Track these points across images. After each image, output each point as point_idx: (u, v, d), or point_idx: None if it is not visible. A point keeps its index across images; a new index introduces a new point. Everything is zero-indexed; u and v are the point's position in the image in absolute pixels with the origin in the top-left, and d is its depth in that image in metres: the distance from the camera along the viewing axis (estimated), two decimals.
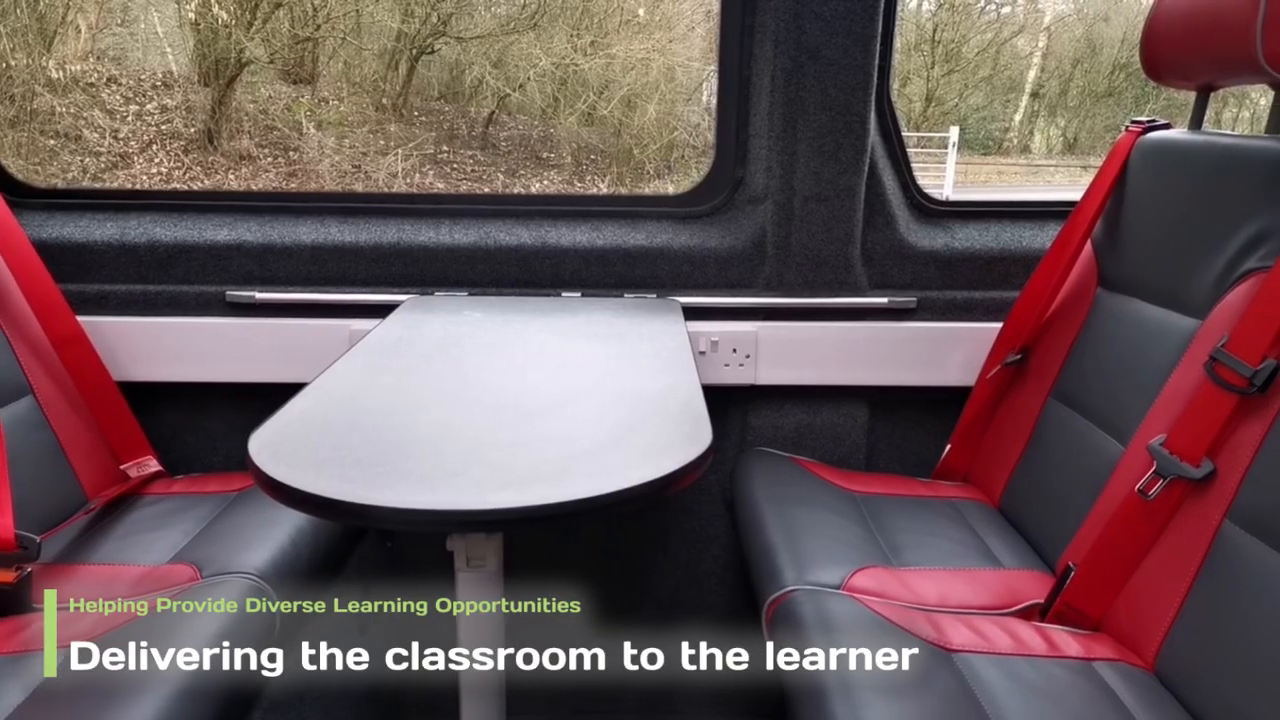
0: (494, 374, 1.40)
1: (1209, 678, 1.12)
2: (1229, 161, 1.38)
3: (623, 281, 1.94)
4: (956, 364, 1.91)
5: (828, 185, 1.83)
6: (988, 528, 1.64)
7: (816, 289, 1.90)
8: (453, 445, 1.08)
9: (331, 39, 10.32)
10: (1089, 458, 1.48)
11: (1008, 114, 13.60)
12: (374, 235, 1.92)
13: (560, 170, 10.30)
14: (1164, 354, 1.38)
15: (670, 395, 1.27)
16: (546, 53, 10.12)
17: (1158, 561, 1.24)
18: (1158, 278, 1.50)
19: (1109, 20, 13.07)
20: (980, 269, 1.92)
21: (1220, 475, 1.18)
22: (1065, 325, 1.68)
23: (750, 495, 1.72)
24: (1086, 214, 1.65)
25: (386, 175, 9.90)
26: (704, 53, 10.11)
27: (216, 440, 1.98)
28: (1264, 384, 1.15)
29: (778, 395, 1.95)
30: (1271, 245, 1.26)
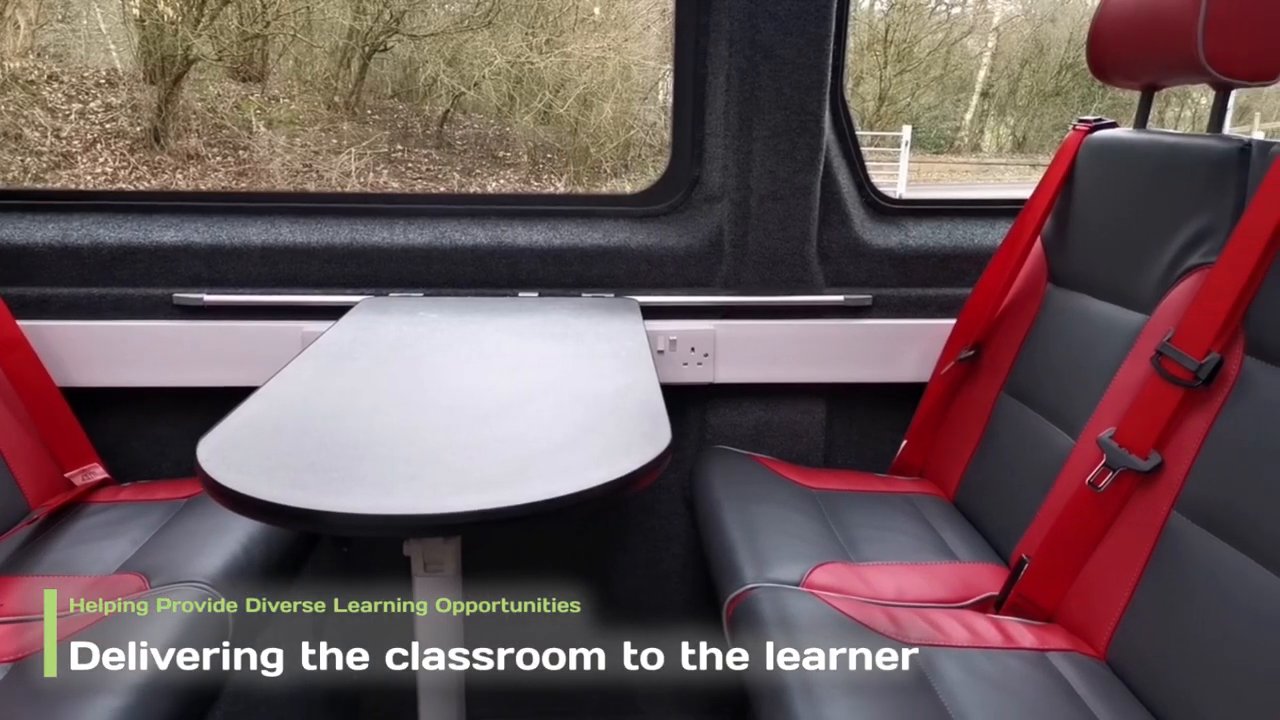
0: (450, 375, 1.38)
1: (1159, 666, 1.14)
2: (1172, 160, 1.42)
3: (580, 281, 1.93)
4: (912, 360, 1.93)
5: (783, 184, 1.84)
6: (943, 522, 1.66)
7: (773, 287, 1.91)
8: (408, 448, 1.07)
9: (281, 36, 10.15)
10: (1041, 451, 1.50)
11: (959, 113, 13.81)
12: (327, 235, 1.89)
13: (517, 169, 10.25)
14: (1112, 349, 1.41)
15: (628, 395, 1.27)
16: (501, 51, 10.06)
17: (1108, 552, 1.27)
18: (1105, 274, 1.53)
19: (1056, 21, 13.33)
20: (934, 266, 1.95)
21: (1168, 467, 1.21)
22: (1016, 321, 1.71)
23: (710, 493, 1.73)
24: (1036, 212, 1.68)
25: (340, 174, 9.76)
26: (660, 52, 10.12)
27: (165, 446, 1.93)
28: (1208, 377, 1.17)
29: (736, 393, 1.96)
30: (1214, 242, 1.29)
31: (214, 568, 1.36)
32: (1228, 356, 1.17)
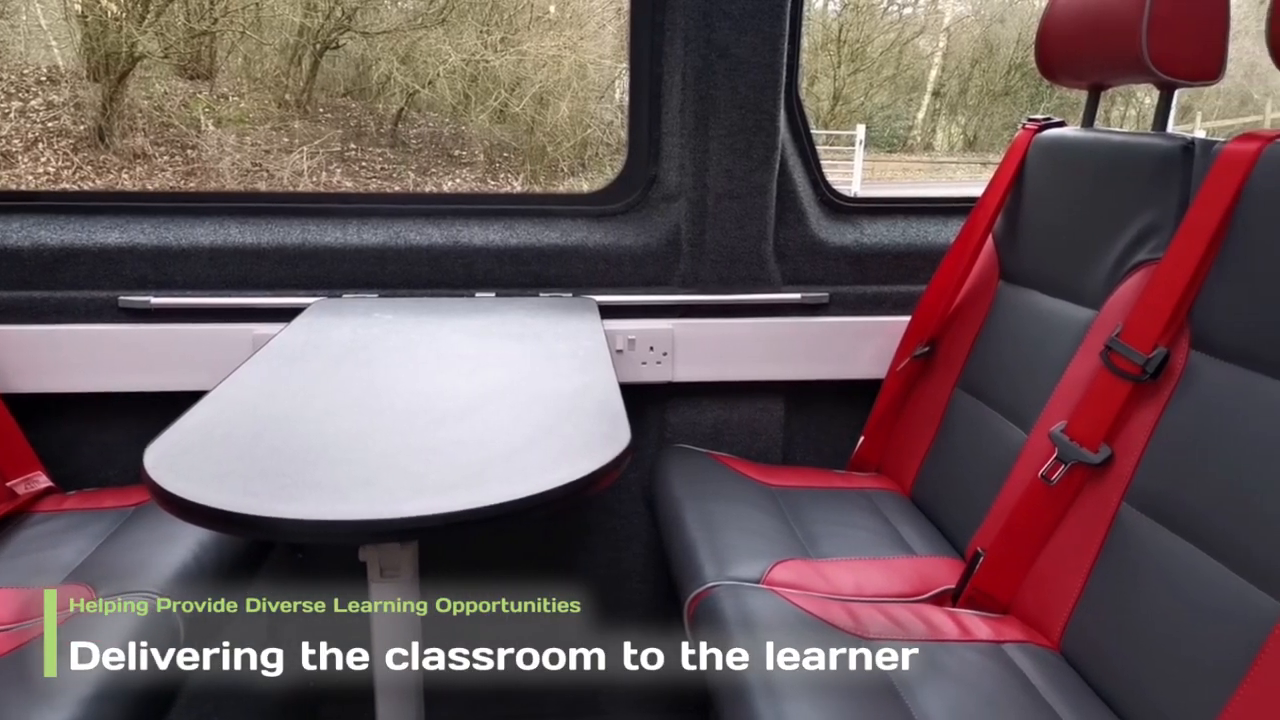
0: (406, 377, 1.36)
1: (1111, 655, 1.17)
2: (1119, 158, 1.45)
3: (538, 281, 1.92)
4: (868, 357, 1.95)
5: (740, 182, 1.85)
6: (900, 517, 1.67)
7: (731, 286, 1.92)
8: (363, 453, 1.05)
9: (230, 33, 9.96)
10: (994, 446, 1.53)
11: (911, 112, 14.00)
12: (278, 236, 1.86)
13: (473, 168, 10.17)
14: (1062, 344, 1.44)
15: (587, 395, 1.26)
16: (456, 49, 9.97)
17: (1061, 545, 1.29)
18: (1055, 270, 1.55)
19: (1004, 22, 13.57)
20: (889, 264, 1.97)
21: (1117, 460, 1.23)
22: (969, 318, 1.73)
23: (670, 492, 1.73)
24: (987, 209, 1.71)
25: (291, 174, 9.60)
26: (615, 50, 10.11)
27: (112, 453, 1.88)
28: (1155, 371, 1.20)
29: (695, 392, 1.96)
30: (1160, 238, 1.32)
31: (163, 577, 1.33)
32: (1174, 351, 1.20)
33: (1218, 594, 1.03)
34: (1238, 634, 0.98)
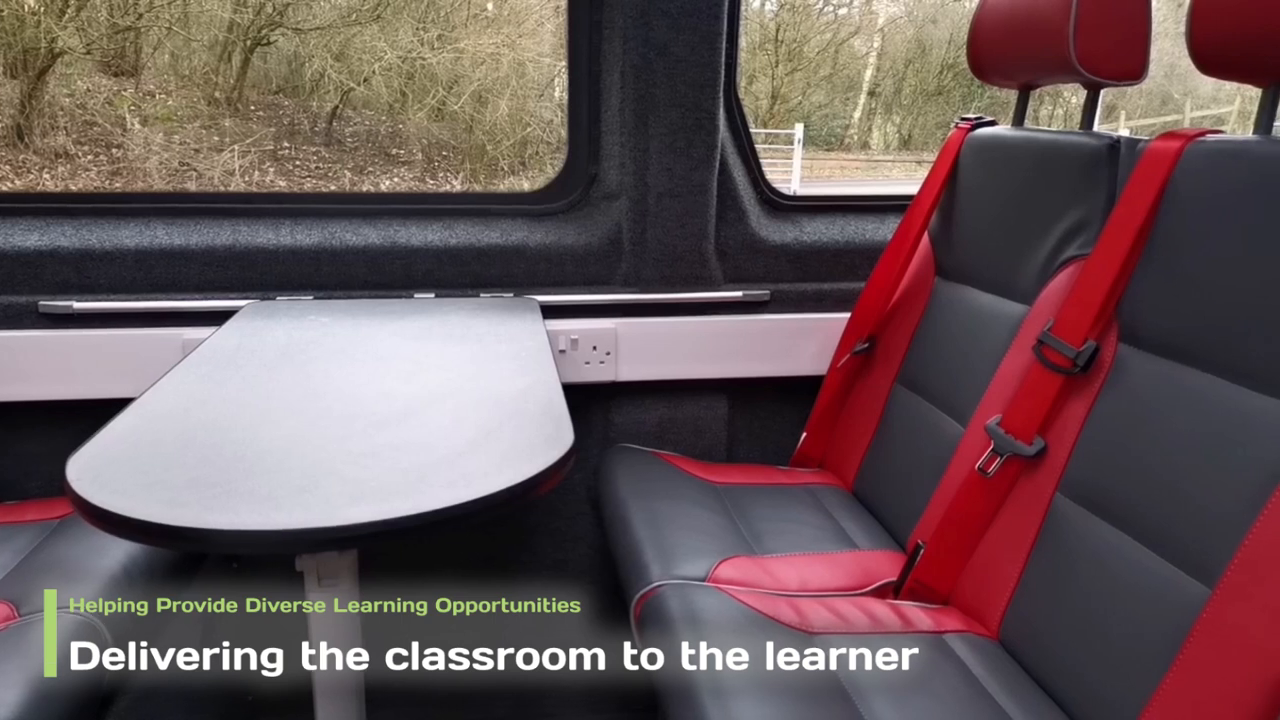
0: (343, 381, 1.33)
1: (1047, 642, 1.19)
2: (1048, 156, 1.48)
3: (478, 281, 1.89)
4: (809, 354, 1.97)
5: (680, 181, 1.85)
6: (843, 511, 1.69)
7: (673, 284, 1.92)
8: (300, 459, 1.02)
9: (156, 29, 9.66)
10: (933, 440, 1.55)
11: (848, 111, 14.22)
12: (207, 237, 1.80)
13: (411, 167, 10.03)
14: (997, 339, 1.47)
15: (530, 396, 1.25)
16: (392, 46, 9.82)
17: (998, 535, 1.31)
18: (989, 266, 1.59)
19: (937, 23, 13.87)
20: (828, 261, 1.99)
21: (1051, 451, 1.26)
22: (907, 314, 1.76)
23: (615, 492, 1.72)
24: (923, 207, 1.74)
25: (222, 173, 9.36)
26: (554, 48, 10.07)
27: (34, 464, 1.81)
28: (1086, 364, 1.23)
29: (639, 391, 1.95)
30: (1088, 234, 1.35)
31: (91, 592, 1.28)
32: (1103, 344, 1.23)
33: (1148, 580, 1.06)
34: (1168, 618, 1.01)
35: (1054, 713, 1.14)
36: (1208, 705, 0.93)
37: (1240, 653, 0.91)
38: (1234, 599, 0.94)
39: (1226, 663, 0.92)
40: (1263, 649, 0.89)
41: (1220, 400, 1.05)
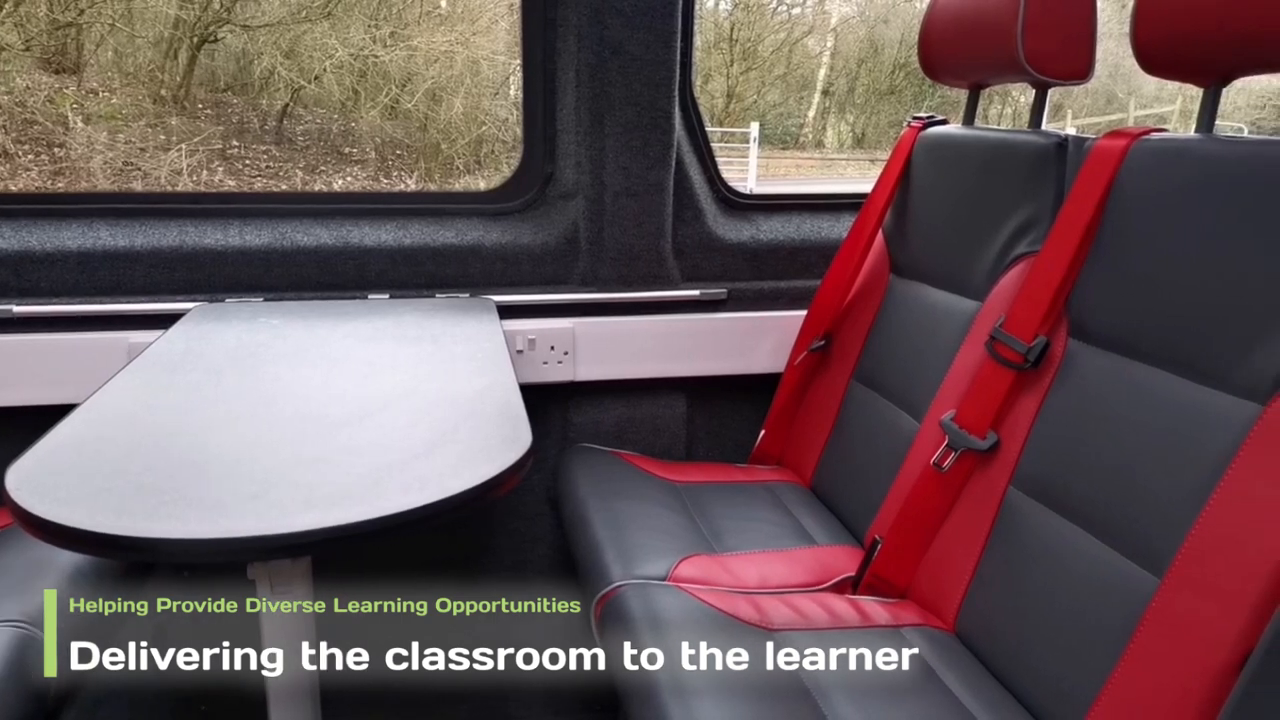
0: (296, 384, 1.31)
1: (1002, 634, 1.21)
2: (998, 154, 1.50)
3: (433, 281, 1.87)
4: (767, 352, 1.98)
5: (637, 180, 1.85)
6: (801, 508, 1.70)
7: (631, 283, 1.92)
8: (250, 465, 1.00)
9: (98, 25, 9.42)
10: (889, 435, 1.57)
11: (802, 110, 14.34)
12: (153, 238, 1.76)
13: (364, 166, 9.90)
14: (950, 335, 1.49)
15: (487, 397, 1.24)
16: (343, 43, 9.68)
17: (953, 529, 1.33)
18: (942, 264, 1.61)
19: (888, 23, 14.04)
20: (785, 259, 2.00)
21: (1004, 445, 1.28)
22: (863, 311, 1.77)
23: (574, 493, 1.71)
24: (877, 205, 1.75)
25: (170, 173, 9.15)
26: (509, 46, 10.00)
27: None
28: (1037, 359, 1.25)
29: (597, 390, 1.95)
30: (1038, 231, 1.38)
31: (34, 606, 1.24)
32: (1053, 339, 1.25)
33: (1100, 570, 1.08)
34: (1119, 607, 1.03)
35: (1010, 704, 1.15)
36: (1158, 693, 0.95)
37: (1188, 640, 0.93)
38: (1182, 588, 0.96)
39: (1175, 651, 0.94)
40: (1210, 636, 0.91)
41: (1167, 393, 1.07)
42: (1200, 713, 0.90)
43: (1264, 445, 0.94)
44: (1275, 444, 0.93)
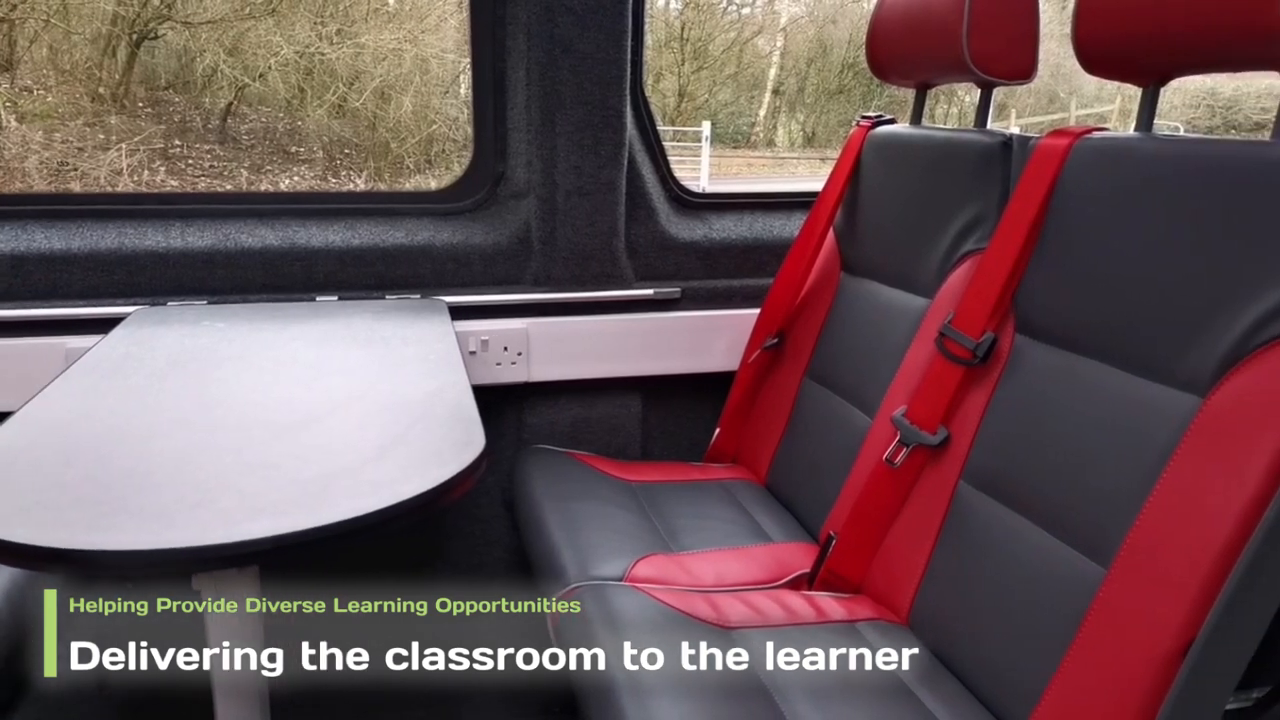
0: (241, 389, 1.28)
1: (954, 626, 1.23)
2: (945, 153, 1.53)
3: (383, 282, 1.84)
4: (721, 350, 1.98)
5: (589, 179, 1.84)
6: (757, 505, 1.71)
7: (584, 283, 1.91)
8: (193, 473, 0.97)
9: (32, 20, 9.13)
10: (842, 432, 1.58)
11: (753, 109, 14.43)
12: (91, 241, 1.71)
13: (312, 165, 9.73)
14: (900, 332, 1.51)
15: (439, 400, 1.22)
16: (288, 40, 9.51)
17: (906, 523, 1.35)
18: (891, 261, 1.62)
19: (837, 23, 14.19)
20: (738, 258, 2.01)
21: (954, 440, 1.30)
22: (815, 309, 1.79)
23: (530, 494, 1.70)
24: (827, 204, 1.77)
25: (109, 173, 8.91)
26: (459, 44, 9.90)
27: None
28: (985, 355, 1.27)
29: (552, 391, 1.94)
30: (984, 229, 1.40)
31: None
32: (1000, 335, 1.27)
33: (1048, 562, 1.10)
34: (1067, 598, 1.05)
35: (964, 696, 1.17)
36: (1105, 681, 0.97)
37: (1134, 629, 0.95)
38: (1127, 578, 0.98)
39: (1121, 639, 0.97)
40: (1154, 625, 0.93)
41: (1111, 388, 1.09)
42: (1145, 700, 0.92)
43: (1203, 437, 0.96)
44: (1214, 436, 0.95)
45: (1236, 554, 0.88)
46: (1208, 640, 0.88)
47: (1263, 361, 0.93)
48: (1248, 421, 0.92)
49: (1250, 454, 0.90)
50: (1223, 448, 0.94)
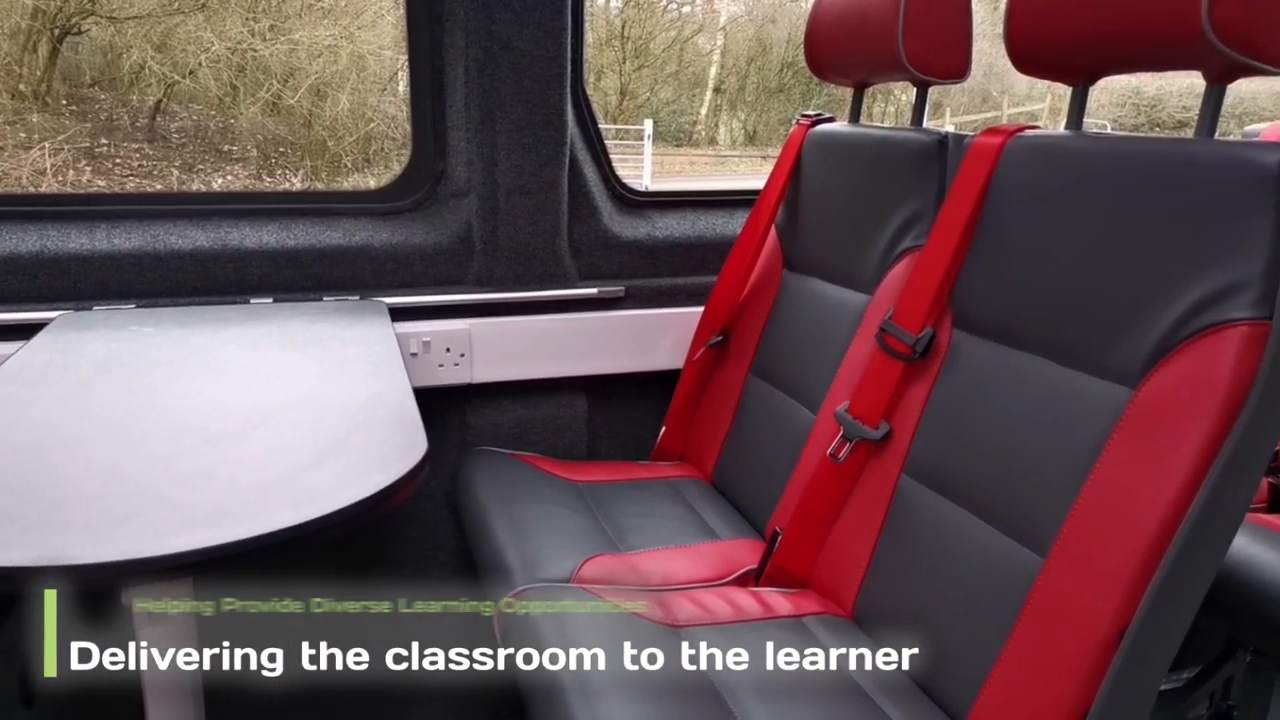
0: (172, 396, 1.23)
1: (898, 617, 1.25)
2: (882, 151, 1.55)
3: (320, 284, 1.80)
4: (666, 349, 1.99)
5: (530, 178, 1.82)
6: (704, 503, 1.72)
7: (527, 283, 1.89)
8: (121, 484, 0.94)
9: None
10: (786, 428, 1.60)
11: (695, 108, 14.50)
12: (10, 243, 1.64)
13: (245, 164, 9.51)
14: (842, 328, 1.52)
15: (379, 403, 1.20)
16: (219, 36, 9.27)
17: (850, 518, 1.36)
18: (833, 258, 1.64)
19: (776, 22, 14.33)
20: (681, 256, 2.01)
21: (895, 434, 1.32)
22: (758, 306, 1.80)
23: (474, 497, 1.68)
24: (769, 202, 1.78)
25: (32, 173, 8.60)
26: (395, 41, 9.76)
27: None
28: (924, 350, 1.29)
29: (496, 392, 1.92)
30: (922, 226, 1.42)
31: None
32: (939, 330, 1.29)
33: (988, 553, 1.12)
34: (1006, 587, 1.07)
35: (910, 689, 1.19)
36: (1044, 668, 0.99)
37: (1071, 617, 0.97)
38: (1064, 567, 1.01)
39: (1060, 627, 0.99)
40: (1091, 612, 0.95)
41: (1046, 380, 1.12)
42: (1084, 684, 0.94)
43: (1134, 428, 0.99)
44: (1144, 426, 0.98)
45: (1167, 542, 0.91)
46: (1142, 626, 0.90)
47: (1189, 352, 0.96)
48: (1176, 412, 0.95)
49: (1178, 443, 0.93)
50: (1152, 437, 0.96)
